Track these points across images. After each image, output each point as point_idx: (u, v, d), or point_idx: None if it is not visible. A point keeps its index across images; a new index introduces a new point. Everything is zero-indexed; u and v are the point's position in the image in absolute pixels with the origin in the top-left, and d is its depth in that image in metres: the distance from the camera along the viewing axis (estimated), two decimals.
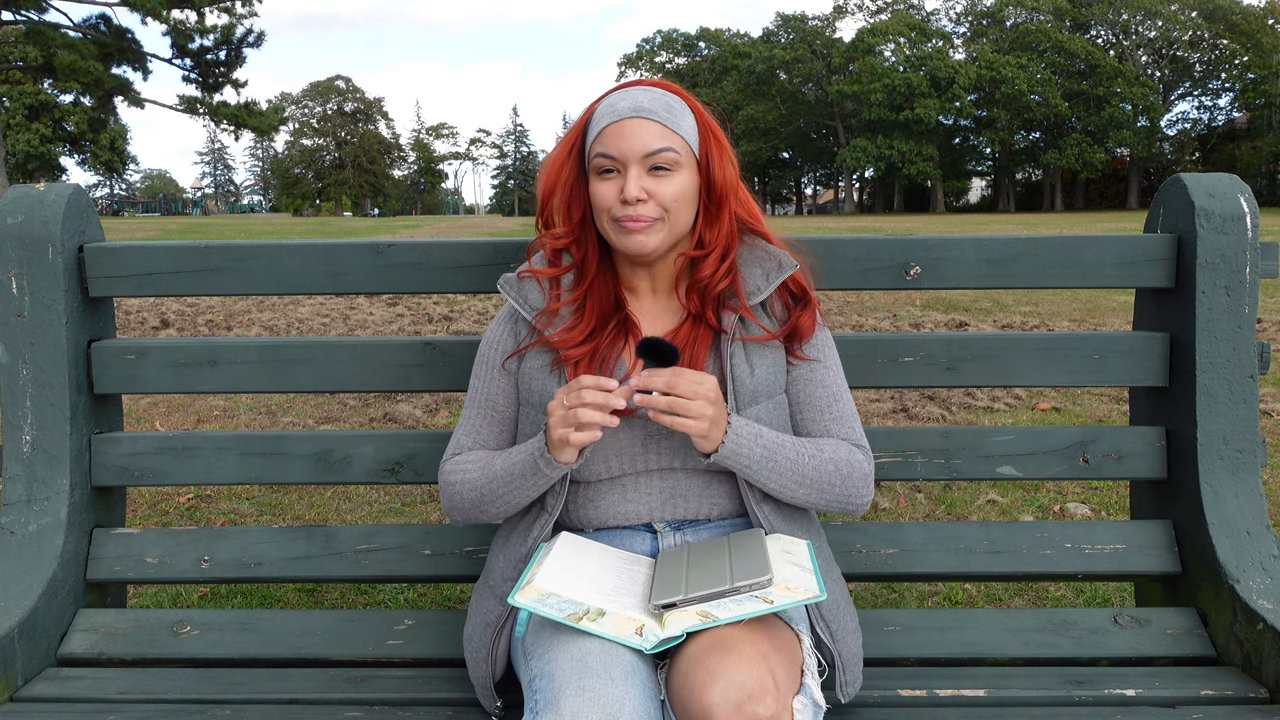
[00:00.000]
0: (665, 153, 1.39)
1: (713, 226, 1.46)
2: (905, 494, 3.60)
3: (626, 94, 1.43)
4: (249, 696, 1.57)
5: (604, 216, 1.42)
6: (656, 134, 1.39)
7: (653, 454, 1.43)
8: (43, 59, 29.66)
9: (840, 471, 1.43)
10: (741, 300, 1.46)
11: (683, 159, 1.41)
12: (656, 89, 1.44)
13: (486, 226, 36.19)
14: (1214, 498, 1.70)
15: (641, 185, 1.38)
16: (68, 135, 45.64)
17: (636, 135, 1.38)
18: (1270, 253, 1.73)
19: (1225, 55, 63.87)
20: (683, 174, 1.41)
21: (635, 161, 1.38)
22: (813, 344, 1.50)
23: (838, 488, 1.43)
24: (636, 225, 1.39)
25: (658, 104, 1.41)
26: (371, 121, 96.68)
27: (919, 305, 9.73)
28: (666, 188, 1.40)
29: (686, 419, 1.29)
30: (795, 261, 1.48)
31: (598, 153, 1.41)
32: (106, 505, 1.87)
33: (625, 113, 1.39)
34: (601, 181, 1.41)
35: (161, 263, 1.80)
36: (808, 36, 74.67)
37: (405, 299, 10.27)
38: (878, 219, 47.57)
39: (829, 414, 1.48)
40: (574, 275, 1.49)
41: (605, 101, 1.44)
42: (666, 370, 1.31)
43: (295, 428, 4.80)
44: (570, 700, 1.13)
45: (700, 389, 1.30)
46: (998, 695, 1.54)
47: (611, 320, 1.47)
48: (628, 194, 1.38)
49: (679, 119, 1.42)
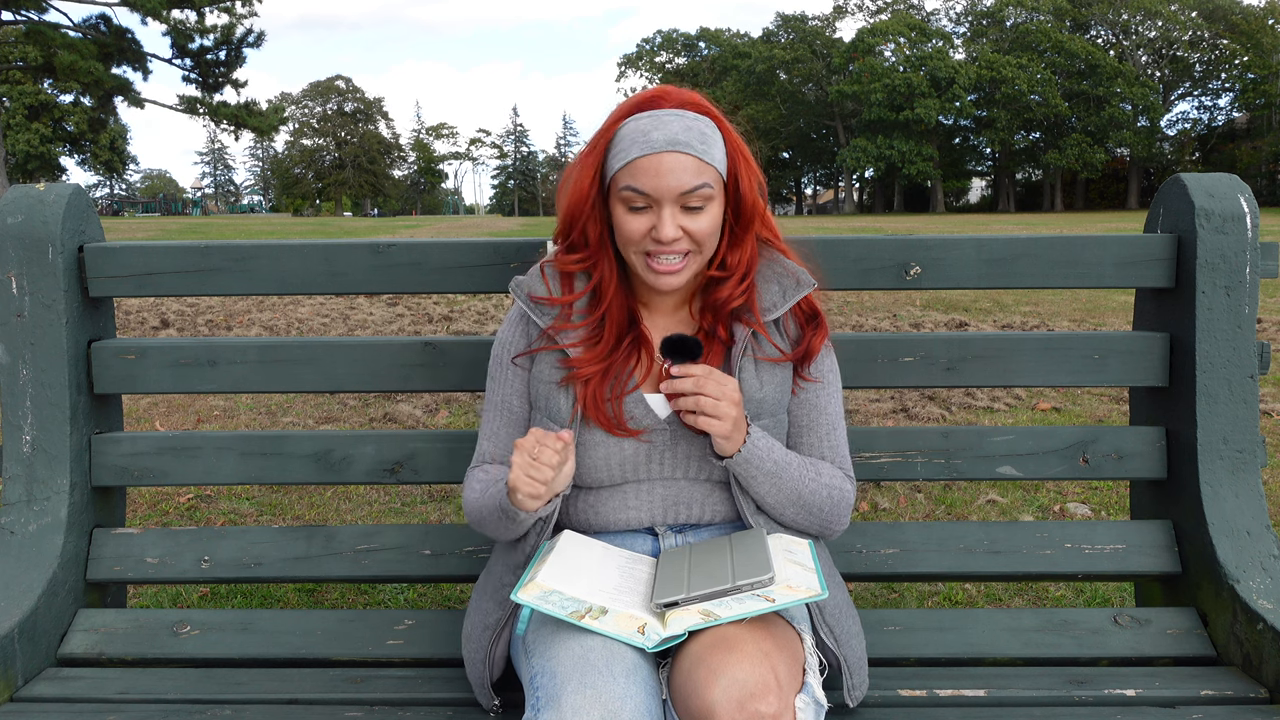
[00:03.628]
0: (701, 190, 1.34)
1: (736, 249, 1.44)
2: (905, 494, 3.60)
3: (658, 121, 1.35)
4: (249, 696, 1.57)
5: (631, 249, 1.39)
6: (692, 171, 1.33)
7: (655, 464, 1.43)
8: (43, 59, 29.68)
9: (831, 499, 1.44)
10: (756, 315, 1.44)
11: (715, 191, 1.37)
12: (688, 113, 1.37)
13: (487, 226, 36.18)
14: (1214, 498, 1.70)
15: (676, 224, 1.35)
16: (68, 135, 45.60)
17: (671, 173, 1.32)
18: (1270, 253, 1.73)
19: (1225, 55, 63.89)
20: (714, 206, 1.37)
21: (670, 200, 1.34)
22: (819, 365, 1.50)
23: (825, 513, 1.45)
24: (670, 268, 1.37)
25: (692, 135, 1.34)
26: (371, 121, 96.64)
27: (919, 305, 9.73)
28: (699, 223, 1.36)
29: (713, 418, 1.30)
30: (814, 280, 1.47)
31: (627, 185, 1.34)
32: (106, 505, 1.87)
33: (660, 146, 1.32)
34: (631, 216, 1.36)
35: (161, 263, 1.80)
36: (808, 36, 74.68)
37: (405, 299, 10.26)
38: (878, 219, 47.57)
39: (826, 441, 1.49)
40: (590, 297, 1.46)
41: (634, 126, 1.36)
42: (698, 368, 1.32)
43: (295, 428, 4.80)
44: (571, 697, 1.13)
45: (726, 390, 1.32)
46: (998, 695, 1.54)
47: (626, 337, 1.45)
48: (663, 235, 1.34)
49: (712, 148, 1.36)
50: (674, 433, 1.42)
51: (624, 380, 1.43)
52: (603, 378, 1.42)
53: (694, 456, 1.42)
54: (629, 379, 1.43)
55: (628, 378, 1.43)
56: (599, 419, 1.40)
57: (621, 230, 1.38)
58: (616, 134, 1.38)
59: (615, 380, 1.42)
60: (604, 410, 1.40)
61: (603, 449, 1.41)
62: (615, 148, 1.38)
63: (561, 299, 1.46)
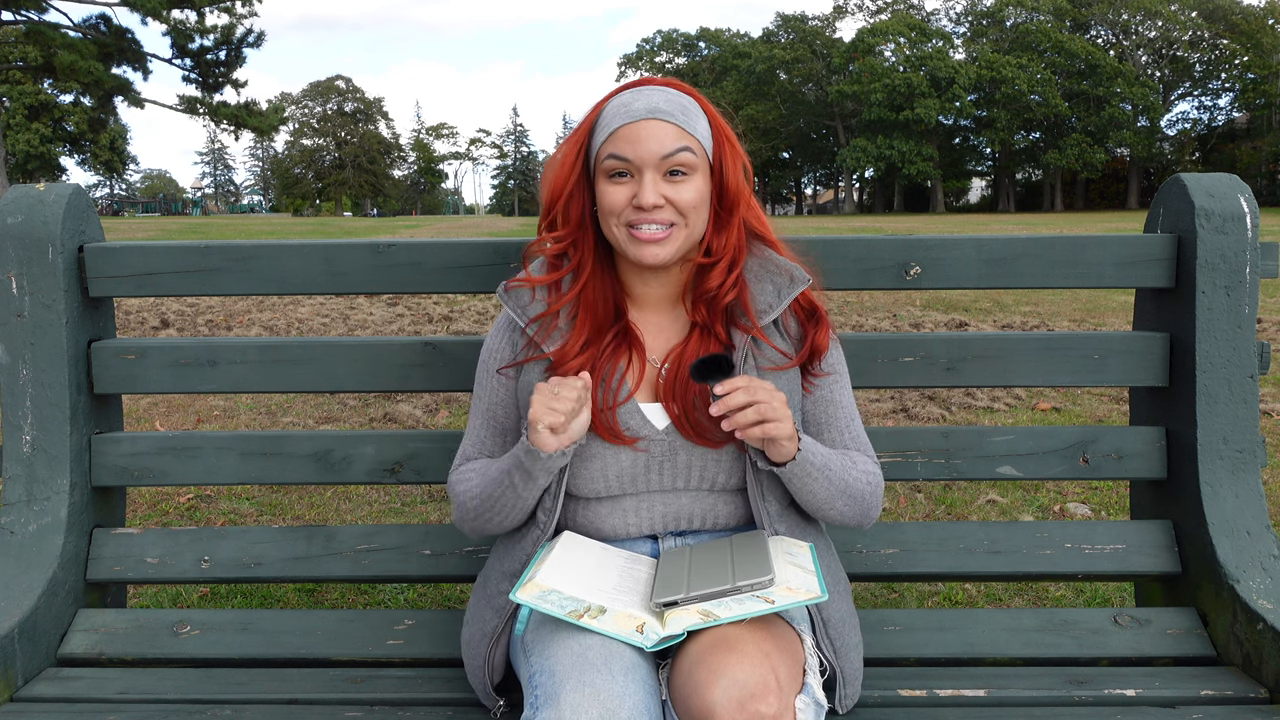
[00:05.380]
0: (682, 154, 1.33)
1: (721, 234, 1.41)
2: (905, 494, 3.60)
3: (640, 93, 1.37)
4: (249, 696, 1.57)
5: (613, 221, 1.37)
6: (673, 136, 1.33)
7: (655, 475, 1.41)
8: (43, 59, 29.68)
9: (870, 485, 1.43)
10: (752, 320, 1.41)
11: (698, 162, 1.36)
12: (670, 89, 1.38)
13: (487, 226, 36.19)
14: (1214, 498, 1.70)
15: (658, 191, 1.33)
16: (68, 135, 45.59)
17: (652, 137, 1.33)
18: (1270, 253, 1.73)
19: (1225, 55, 63.88)
20: (698, 178, 1.36)
21: (651, 165, 1.33)
22: (827, 360, 1.47)
23: (867, 500, 1.43)
24: (652, 236, 1.34)
25: (673, 105, 1.35)
26: (371, 121, 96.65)
27: (919, 305, 9.73)
28: (683, 193, 1.34)
29: (777, 421, 1.26)
30: (807, 276, 1.44)
31: (610, 154, 1.35)
32: (106, 505, 1.87)
33: (640, 114, 1.33)
34: (612, 185, 1.35)
35: (162, 263, 1.80)
36: (808, 36, 74.67)
37: (405, 299, 10.26)
38: (878, 219, 47.57)
39: (848, 432, 1.47)
40: (570, 278, 1.44)
41: (616, 101, 1.38)
42: (738, 381, 1.27)
43: (295, 428, 4.80)
44: (570, 695, 1.13)
45: (771, 389, 1.28)
46: (998, 695, 1.54)
47: (610, 330, 1.42)
48: (644, 200, 1.32)
49: (694, 121, 1.37)
50: (672, 443, 1.39)
51: (615, 387, 1.39)
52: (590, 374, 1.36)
53: (694, 467, 1.40)
54: (620, 385, 1.40)
55: (619, 383, 1.40)
56: (595, 426, 1.37)
57: (604, 201, 1.37)
58: (601, 113, 1.40)
59: (605, 386, 1.39)
60: (599, 419, 1.37)
61: (599, 460, 1.38)
62: (598, 125, 1.39)
63: (541, 279, 1.44)
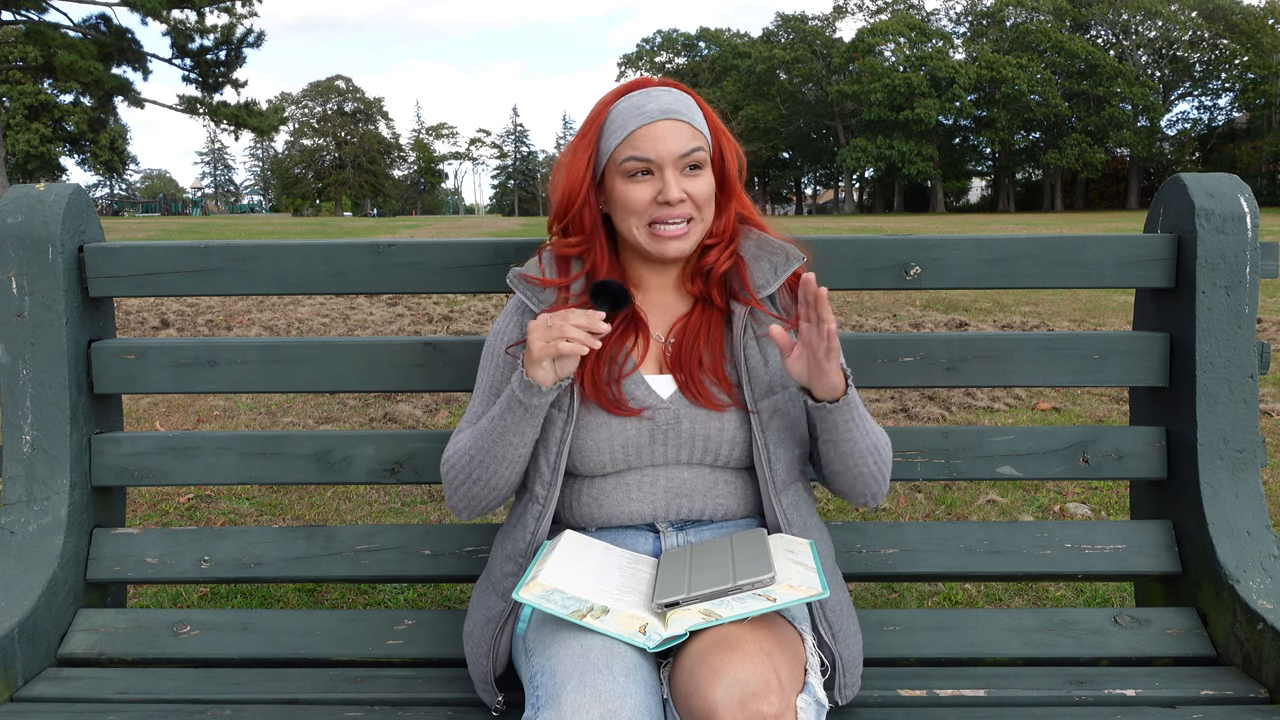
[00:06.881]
0: (697, 152, 1.42)
1: (719, 218, 1.49)
2: (905, 494, 3.60)
3: (649, 95, 1.43)
4: (249, 696, 1.57)
5: (633, 220, 1.43)
6: (688, 134, 1.41)
7: (659, 447, 1.43)
8: (43, 59, 29.69)
9: (887, 444, 1.46)
10: (750, 293, 1.48)
11: (707, 157, 1.44)
12: (673, 89, 1.45)
13: (487, 226, 36.19)
14: (1214, 498, 1.70)
15: (680, 186, 1.41)
16: (68, 135, 45.60)
17: (670, 136, 1.40)
18: (1270, 253, 1.73)
19: (1225, 55, 63.89)
20: (708, 172, 1.45)
21: (671, 163, 1.40)
22: None
23: (887, 459, 1.45)
24: (674, 233, 1.41)
25: (682, 104, 1.42)
26: (371, 121, 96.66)
27: (919, 305, 9.73)
28: (698, 186, 1.42)
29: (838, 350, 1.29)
30: (802, 255, 1.50)
31: (629, 155, 1.40)
32: (106, 505, 1.87)
33: (656, 115, 1.40)
34: (633, 185, 1.41)
35: (161, 263, 1.80)
36: (808, 36, 74.68)
37: (405, 299, 10.26)
38: (878, 219, 47.57)
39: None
40: (582, 282, 1.48)
41: (626, 103, 1.43)
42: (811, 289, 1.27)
43: (295, 428, 4.80)
44: (571, 696, 1.13)
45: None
46: (998, 695, 1.54)
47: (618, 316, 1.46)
48: (670, 196, 1.39)
49: (700, 118, 1.45)
50: (677, 411, 1.42)
51: (620, 361, 1.45)
52: (598, 360, 1.43)
53: (698, 437, 1.42)
54: (626, 360, 1.45)
55: (624, 357, 1.45)
56: (598, 398, 1.41)
57: (625, 202, 1.42)
58: (608, 117, 1.44)
59: (612, 363, 1.44)
60: (604, 392, 1.42)
61: (604, 430, 1.41)
62: (609, 129, 1.43)
63: (554, 280, 1.49)
